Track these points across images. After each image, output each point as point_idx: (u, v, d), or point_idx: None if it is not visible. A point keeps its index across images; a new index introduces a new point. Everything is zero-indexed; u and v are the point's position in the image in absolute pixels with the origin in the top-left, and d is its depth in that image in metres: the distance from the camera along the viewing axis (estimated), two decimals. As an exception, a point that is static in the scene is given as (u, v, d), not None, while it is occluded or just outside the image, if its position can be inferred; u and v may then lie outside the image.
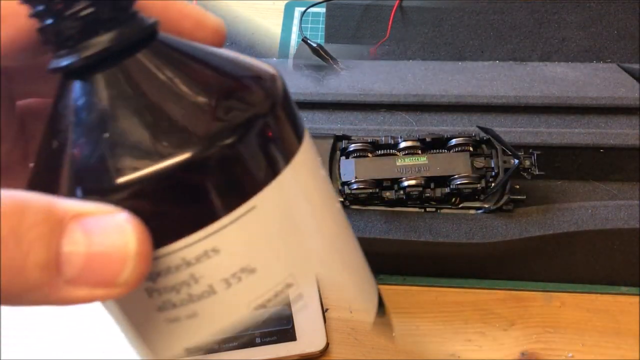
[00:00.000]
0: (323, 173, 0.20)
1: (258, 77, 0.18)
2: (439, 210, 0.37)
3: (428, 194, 0.36)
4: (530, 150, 0.37)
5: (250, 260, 0.17)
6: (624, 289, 0.36)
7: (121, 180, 0.16)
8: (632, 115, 0.41)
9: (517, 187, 0.38)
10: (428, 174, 0.36)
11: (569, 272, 0.37)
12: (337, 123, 0.42)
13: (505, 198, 0.36)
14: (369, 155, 0.37)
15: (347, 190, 0.36)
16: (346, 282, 0.22)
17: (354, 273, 0.22)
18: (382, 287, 0.24)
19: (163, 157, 0.16)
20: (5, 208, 0.14)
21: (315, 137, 0.37)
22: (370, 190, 0.36)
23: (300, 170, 0.19)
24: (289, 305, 0.19)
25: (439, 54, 0.49)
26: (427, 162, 0.36)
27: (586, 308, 0.35)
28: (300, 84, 0.45)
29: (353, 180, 0.36)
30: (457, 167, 0.36)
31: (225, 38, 0.21)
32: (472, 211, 0.36)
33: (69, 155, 0.17)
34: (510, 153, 0.36)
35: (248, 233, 0.17)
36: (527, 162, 0.36)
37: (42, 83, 0.22)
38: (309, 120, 0.42)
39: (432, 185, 0.36)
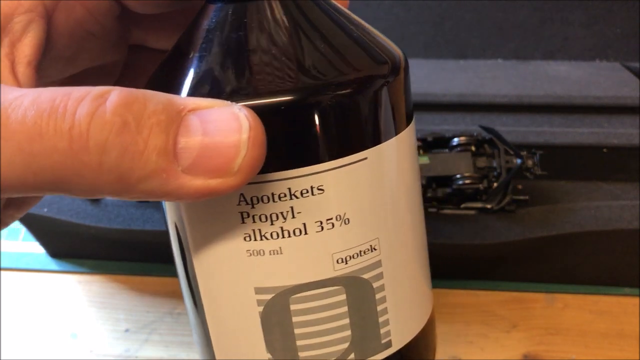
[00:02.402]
0: (417, 163, 0.21)
1: (388, 49, 0.20)
2: (440, 211, 0.36)
3: (429, 194, 0.36)
4: (533, 150, 0.37)
5: (348, 209, 0.18)
6: (627, 290, 0.36)
7: (252, 95, 0.17)
8: (635, 114, 0.41)
9: (520, 187, 0.37)
10: (429, 174, 0.36)
11: (572, 274, 0.36)
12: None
13: (507, 198, 0.36)
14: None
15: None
16: (416, 277, 0.22)
17: (423, 272, 0.23)
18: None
19: (294, 88, 0.17)
20: (129, 97, 0.15)
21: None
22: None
23: (405, 146, 0.20)
24: (364, 270, 0.20)
25: (441, 52, 0.49)
26: (428, 161, 0.36)
27: (589, 310, 0.35)
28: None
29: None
30: (459, 167, 0.36)
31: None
32: (474, 212, 0.36)
33: (200, 64, 0.18)
34: (512, 153, 0.36)
35: (354, 181, 0.18)
36: (530, 162, 0.36)
37: (159, 35, 0.24)
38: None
39: (433, 185, 0.36)
